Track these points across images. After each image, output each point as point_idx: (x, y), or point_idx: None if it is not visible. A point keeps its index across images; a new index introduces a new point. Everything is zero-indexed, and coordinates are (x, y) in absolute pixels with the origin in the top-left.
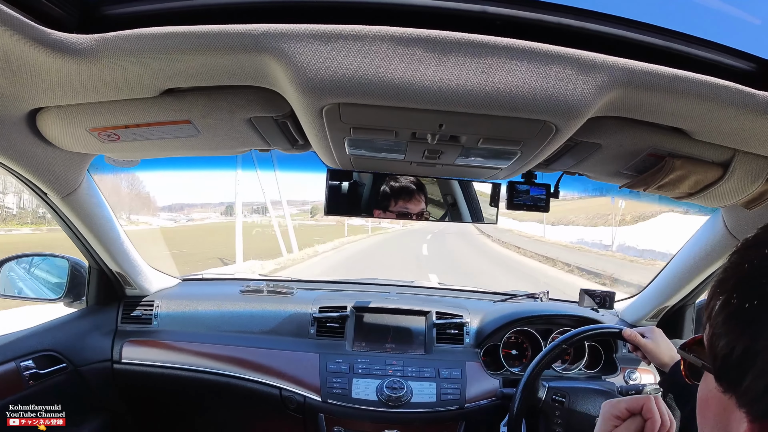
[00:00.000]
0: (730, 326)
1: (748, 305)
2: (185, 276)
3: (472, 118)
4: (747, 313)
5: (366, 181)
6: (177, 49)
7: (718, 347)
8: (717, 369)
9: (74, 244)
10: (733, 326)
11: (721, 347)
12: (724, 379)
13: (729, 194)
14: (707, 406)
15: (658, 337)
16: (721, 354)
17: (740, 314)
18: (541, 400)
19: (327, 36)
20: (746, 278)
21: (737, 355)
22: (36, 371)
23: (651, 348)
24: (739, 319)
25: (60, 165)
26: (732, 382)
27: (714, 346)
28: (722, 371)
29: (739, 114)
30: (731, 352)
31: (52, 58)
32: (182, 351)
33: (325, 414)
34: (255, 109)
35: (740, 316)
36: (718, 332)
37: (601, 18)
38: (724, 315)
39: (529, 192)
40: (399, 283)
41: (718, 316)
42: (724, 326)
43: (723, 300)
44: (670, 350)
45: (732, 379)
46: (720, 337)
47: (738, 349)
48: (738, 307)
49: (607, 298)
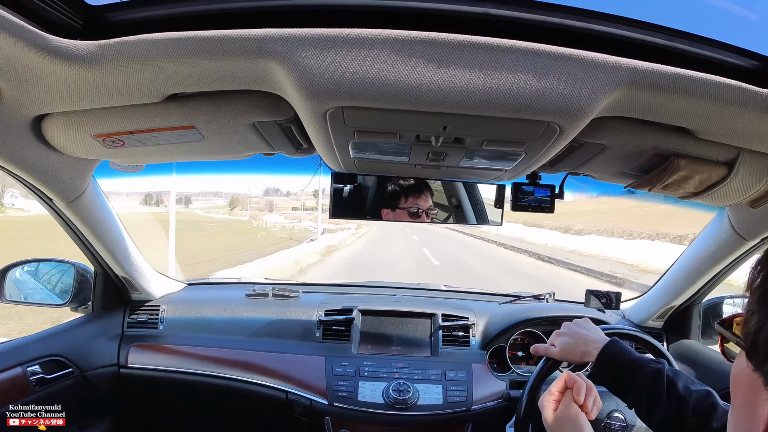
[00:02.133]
0: (761, 306)
1: None
2: (191, 280)
3: (475, 120)
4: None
5: (370, 183)
6: (180, 54)
7: (750, 325)
8: (747, 346)
9: (80, 249)
10: (764, 306)
11: (752, 325)
12: (753, 358)
13: (734, 193)
14: (738, 383)
15: (573, 331)
16: (752, 331)
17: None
18: None
19: (330, 40)
20: None
21: (766, 334)
22: (42, 376)
23: (562, 354)
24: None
25: (65, 171)
26: (760, 360)
27: (748, 324)
28: (752, 349)
29: (744, 112)
30: (760, 330)
31: (57, 65)
32: (188, 355)
33: (332, 417)
34: (259, 114)
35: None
36: (751, 309)
37: (603, 18)
38: (759, 293)
39: (534, 193)
40: (404, 285)
41: (754, 294)
42: (758, 304)
43: (761, 280)
44: (585, 344)
45: (760, 358)
46: (753, 314)
47: (767, 327)
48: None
49: (613, 299)
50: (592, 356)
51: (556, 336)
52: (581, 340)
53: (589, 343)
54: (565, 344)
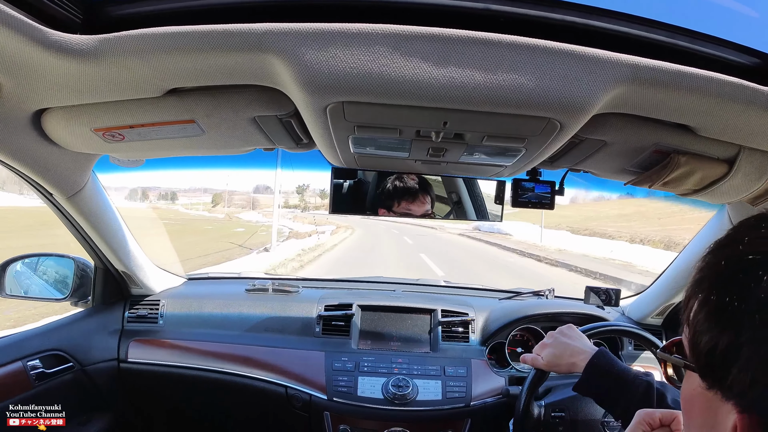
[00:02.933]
0: (711, 323)
1: (728, 300)
2: (190, 275)
3: (476, 116)
4: (727, 309)
5: (370, 179)
6: (180, 48)
7: (701, 344)
8: (701, 366)
9: (80, 243)
10: (714, 323)
11: (704, 344)
12: (709, 376)
13: (734, 191)
14: (692, 405)
15: (559, 342)
16: (705, 351)
17: (721, 311)
18: (540, 421)
19: (330, 34)
20: (723, 275)
21: (721, 351)
22: (42, 371)
23: (549, 366)
24: (720, 316)
25: (65, 165)
26: (717, 377)
27: (696, 345)
28: (706, 368)
29: (745, 110)
30: (714, 348)
31: (57, 60)
32: (188, 350)
33: (331, 412)
34: (259, 108)
35: (721, 313)
36: (699, 330)
37: (605, 14)
38: (704, 313)
39: (534, 189)
40: (404, 281)
41: (698, 314)
42: (705, 323)
43: (702, 298)
44: (571, 355)
45: (717, 375)
46: (701, 334)
47: (721, 344)
48: (718, 303)
49: (612, 296)
50: (579, 368)
51: (542, 347)
52: (567, 351)
53: (575, 354)
54: (551, 356)
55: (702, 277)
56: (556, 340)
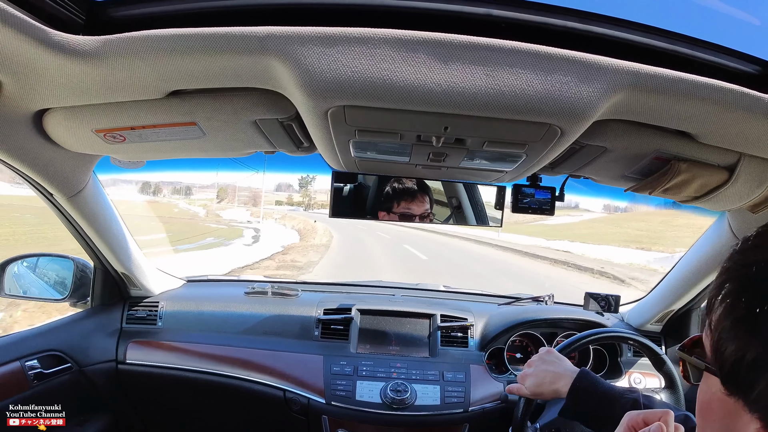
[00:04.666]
0: (738, 332)
1: (758, 310)
2: (190, 277)
3: (477, 121)
4: (757, 319)
5: (371, 183)
6: (182, 51)
7: (726, 352)
8: (725, 374)
9: (79, 244)
10: (743, 332)
11: (730, 352)
12: (732, 384)
13: (735, 198)
14: (710, 409)
15: (540, 370)
16: (730, 360)
17: (749, 319)
18: None
19: (332, 38)
20: (754, 281)
21: (748, 362)
22: (41, 371)
23: (533, 395)
24: (749, 325)
25: (66, 166)
26: (742, 387)
27: (720, 351)
28: (730, 376)
29: (745, 117)
30: (741, 358)
31: (59, 60)
32: (186, 352)
33: (329, 416)
34: (260, 111)
35: (750, 322)
36: (725, 336)
37: (606, 21)
38: (731, 320)
39: (534, 195)
40: (403, 285)
41: (725, 320)
42: (732, 331)
43: (729, 303)
44: (553, 381)
45: (742, 385)
46: (727, 341)
47: (749, 355)
48: (747, 312)
49: (612, 302)
50: (562, 393)
51: (524, 377)
52: (548, 378)
53: (556, 380)
54: (533, 385)
55: (728, 278)
56: (536, 368)
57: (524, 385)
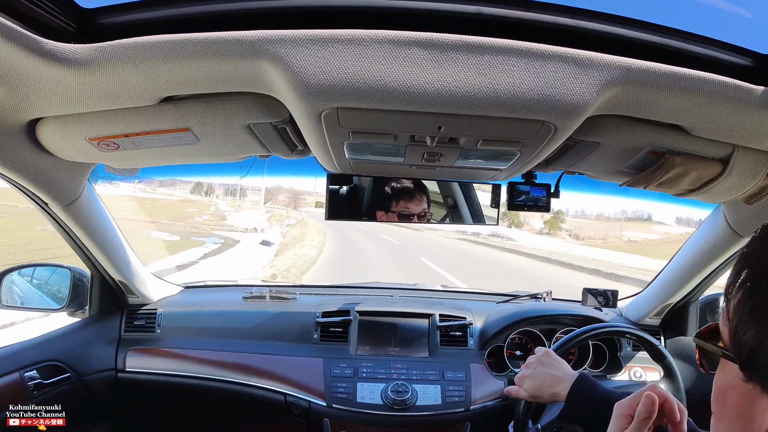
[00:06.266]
0: (758, 318)
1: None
2: (187, 283)
3: (470, 120)
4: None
5: (366, 184)
6: (174, 57)
7: (745, 338)
8: (743, 360)
9: (76, 253)
10: (762, 318)
11: (749, 338)
12: (751, 370)
13: (729, 190)
14: (726, 395)
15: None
16: (749, 345)
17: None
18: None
19: (324, 40)
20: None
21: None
22: (40, 381)
23: (531, 398)
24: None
25: (60, 175)
26: (760, 373)
27: (739, 337)
28: (749, 362)
29: (738, 109)
30: (760, 344)
31: (51, 69)
32: (186, 358)
33: (330, 419)
34: (254, 116)
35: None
36: (744, 322)
37: (597, 17)
38: (751, 305)
39: (530, 192)
40: (402, 286)
41: (744, 305)
42: (751, 316)
43: (748, 289)
44: (551, 385)
45: (760, 371)
46: (746, 327)
47: None
48: (766, 297)
49: (610, 297)
50: (561, 396)
51: (522, 379)
52: (547, 382)
53: (555, 383)
54: (532, 388)
55: (748, 264)
56: (534, 370)
57: (522, 388)
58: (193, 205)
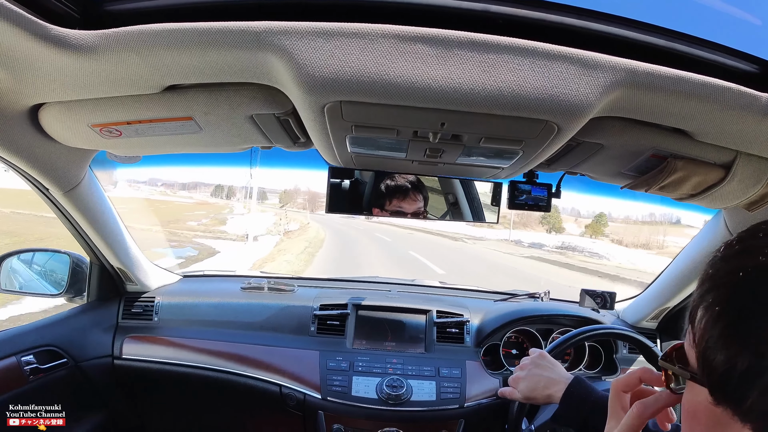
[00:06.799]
0: (727, 341)
1: (748, 317)
2: (186, 272)
3: (473, 117)
4: (748, 327)
5: (367, 179)
6: (179, 45)
7: (715, 362)
8: (713, 383)
9: (75, 239)
10: (732, 341)
11: (719, 362)
12: (721, 394)
13: (731, 196)
14: (696, 418)
15: (533, 375)
16: (720, 370)
17: (739, 328)
18: None
19: (329, 33)
20: (741, 288)
21: (741, 371)
22: (36, 366)
23: (526, 399)
24: (739, 334)
25: (62, 161)
26: (732, 397)
27: (708, 360)
28: (719, 386)
29: (742, 116)
30: (732, 368)
31: (54, 54)
32: (183, 347)
33: (325, 412)
34: (257, 106)
35: (740, 330)
36: (712, 346)
37: (603, 18)
38: (720, 328)
39: (531, 192)
40: (400, 281)
41: (712, 329)
42: (721, 340)
43: (716, 312)
44: (546, 387)
45: (733, 396)
46: (716, 351)
47: (741, 365)
48: (736, 320)
49: (607, 299)
50: (555, 399)
51: (516, 380)
52: (541, 384)
53: (550, 385)
54: (526, 390)
55: (713, 286)
56: (529, 372)
57: (516, 389)
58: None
